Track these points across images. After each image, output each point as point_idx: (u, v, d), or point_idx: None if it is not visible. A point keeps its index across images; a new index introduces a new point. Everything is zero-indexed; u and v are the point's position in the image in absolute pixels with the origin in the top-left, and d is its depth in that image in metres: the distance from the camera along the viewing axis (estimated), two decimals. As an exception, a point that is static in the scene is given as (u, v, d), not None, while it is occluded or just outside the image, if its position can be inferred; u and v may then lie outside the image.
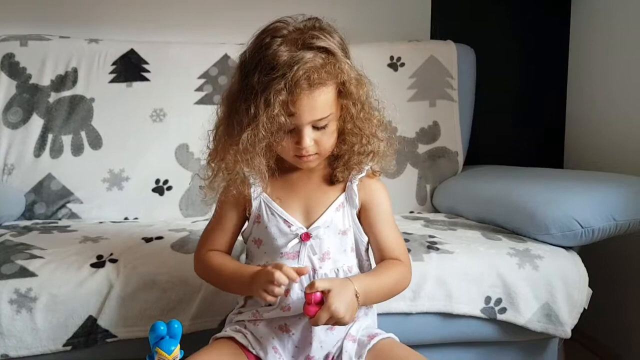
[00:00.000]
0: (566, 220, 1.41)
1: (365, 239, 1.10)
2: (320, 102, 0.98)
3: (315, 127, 1.00)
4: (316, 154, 1.03)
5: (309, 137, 1.00)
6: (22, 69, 1.86)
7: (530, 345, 1.47)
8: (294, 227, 1.06)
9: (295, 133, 1.00)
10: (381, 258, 1.09)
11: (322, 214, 1.07)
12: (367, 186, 1.10)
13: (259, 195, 1.08)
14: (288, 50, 0.96)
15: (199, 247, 1.14)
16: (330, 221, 1.07)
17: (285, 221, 1.06)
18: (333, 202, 1.08)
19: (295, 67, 0.94)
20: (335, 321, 0.94)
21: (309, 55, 0.96)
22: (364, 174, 1.09)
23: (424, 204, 1.99)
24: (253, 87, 0.97)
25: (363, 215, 1.10)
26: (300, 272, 0.98)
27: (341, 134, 1.05)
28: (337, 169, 1.08)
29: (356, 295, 0.98)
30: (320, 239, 1.05)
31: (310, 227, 1.06)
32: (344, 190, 1.09)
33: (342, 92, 1.01)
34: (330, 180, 1.10)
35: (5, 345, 1.25)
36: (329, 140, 1.03)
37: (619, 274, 1.86)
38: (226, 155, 1.03)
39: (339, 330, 1.06)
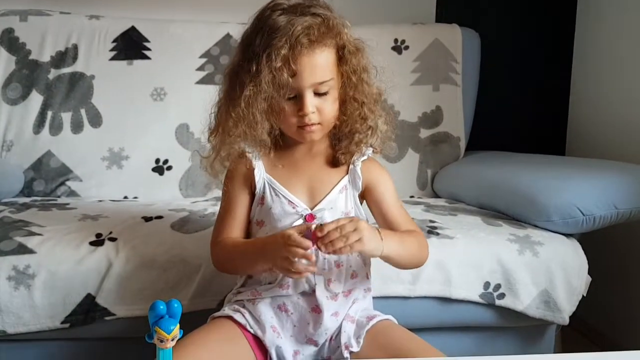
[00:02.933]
0: (567, 207, 1.41)
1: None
2: (320, 63, 1.00)
3: (317, 94, 1.01)
4: (319, 124, 1.03)
5: (310, 102, 1.01)
6: (22, 45, 1.84)
7: (528, 331, 1.47)
8: (298, 208, 1.06)
9: (298, 100, 1.01)
10: None
11: (326, 195, 1.07)
12: (370, 168, 1.11)
13: (262, 176, 1.08)
14: (287, 17, 0.98)
15: (213, 238, 1.11)
16: (334, 202, 1.07)
17: (289, 202, 1.06)
18: (337, 183, 1.08)
19: (295, 25, 0.97)
20: (359, 237, 0.92)
21: (307, 17, 0.99)
22: (365, 157, 1.10)
23: (424, 189, 1.98)
24: (254, 51, 0.99)
25: (368, 197, 1.11)
26: (307, 228, 0.95)
27: (342, 105, 1.06)
28: (339, 151, 1.09)
29: (378, 230, 0.98)
30: (324, 220, 1.05)
31: (315, 209, 1.06)
32: (347, 172, 1.10)
33: (342, 58, 1.03)
34: (333, 162, 1.10)
35: (2, 322, 1.25)
36: (330, 108, 1.04)
37: (619, 261, 1.86)
38: (228, 123, 1.03)
39: (342, 314, 1.06)
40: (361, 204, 1.12)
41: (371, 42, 1.08)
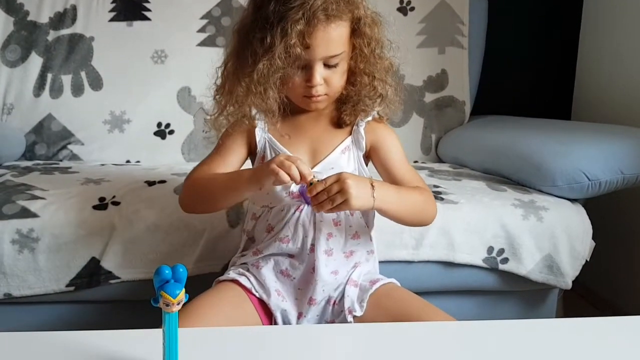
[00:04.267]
0: (573, 172, 1.40)
1: None
2: (334, 37, 0.97)
3: (327, 65, 0.99)
4: (325, 94, 1.02)
5: (319, 74, 0.99)
6: (20, 5, 1.81)
7: (531, 295, 1.47)
8: None
9: (306, 70, 0.99)
10: None
11: (327, 156, 1.06)
12: (375, 129, 1.09)
13: (262, 135, 1.07)
14: None
15: (190, 175, 1.08)
16: (335, 163, 1.06)
17: None
18: (339, 144, 1.07)
19: None
20: (344, 198, 0.91)
21: None
22: (370, 118, 1.08)
23: (428, 153, 1.97)
24: (268, 17, 0.95)
25: (374, 158, 1.10)
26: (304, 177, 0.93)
27: (351, 75, 1.04)
28: (344, 112, 1.07)
29: (371, 184, 0.96)
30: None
31: (314, 169, 1.05)
32: (350, 133, 1.08)
33: (357, 31, 1.00)
34: (337, 124, 1.09)
35: (8, 285, 1.26)
36: (339, 80, 1.02)
37: (624, 227, 1.86)
38: (237, 88, 1.01)
39: (342, 273, 1.06)
40: (367, 165, 1.11)
41: (376, 2, 1.05)
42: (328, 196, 0.92)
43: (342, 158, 1.07)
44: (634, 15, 1.90)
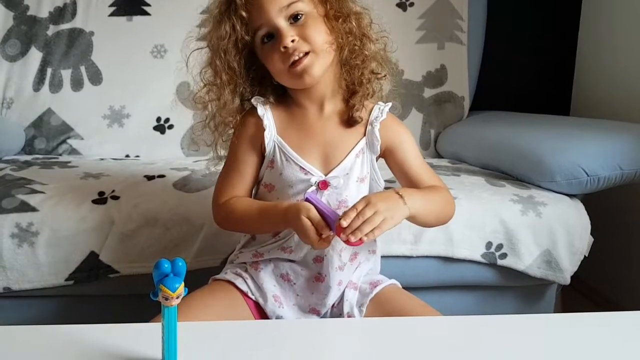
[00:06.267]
0: (572, 168, 1.40)
1: (382, 185, 1.06)
2: None
3: (293, 21, 0.96)
4: (308, 52, 0.95)
5: (285, 30, 0.95)
6: (19, 0, 1.81)
7: (529, 290, 1.48)
8: (311, 175, 1.00)
9: (275, 39, 0.96)
10: None
11: (341, 161, 1.01)
12: (389, 129, 1.04)
13: (272, 139, 1.02)
14: None
15: (217, 197, 1.05)
16: (349, 168, 1.01)
17: (301, 168, 1.00)
18: (353, 147, 1.02)
19: None
20: (383, 217, 0.88)
21: None
22: (384, 117, 1.03)
23: (427, 149, 1.97)
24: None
25: (389, 158, 1.06)
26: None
27: (337, 37, 0.98)
28: (353, 108, 1.02)
29: (398, 193, 0.93)
30: (339, 187, 1.01)
31: (329, 175, 1.00)
32: (364, 134, 1.03)
33: None
34: (349, 122, 1.03)
35: (7, 279, 1.26)
36: (315, 32, 0.96)
37: (622, 223, 1.86)
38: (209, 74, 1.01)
39: (345, 280, 1.04)
40: (377, 160, 1.06)
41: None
42: (364, 219, 0.88)
43: (356, 163, 1.02)
44: (633, 11, 1.90)
